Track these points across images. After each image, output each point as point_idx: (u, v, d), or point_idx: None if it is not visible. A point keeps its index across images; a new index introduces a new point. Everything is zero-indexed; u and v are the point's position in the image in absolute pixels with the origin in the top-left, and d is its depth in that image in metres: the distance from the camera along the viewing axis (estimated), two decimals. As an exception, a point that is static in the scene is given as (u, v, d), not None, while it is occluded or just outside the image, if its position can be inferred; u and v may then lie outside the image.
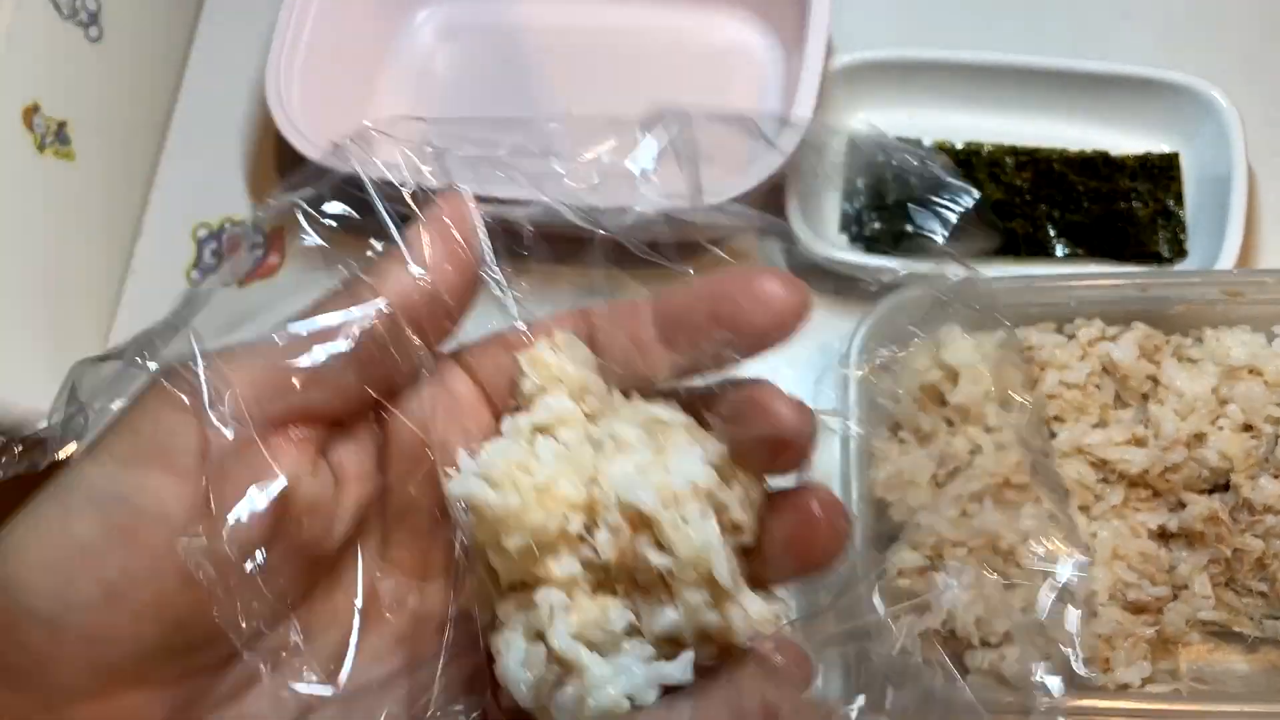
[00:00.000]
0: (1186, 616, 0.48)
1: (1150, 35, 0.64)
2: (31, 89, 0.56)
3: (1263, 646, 0.49)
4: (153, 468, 0.26)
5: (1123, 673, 0.47)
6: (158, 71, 0.68)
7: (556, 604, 0.27)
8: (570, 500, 0.27)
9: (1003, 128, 0.61)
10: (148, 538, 0.25)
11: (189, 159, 0.66)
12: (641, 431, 0.29)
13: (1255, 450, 0.49)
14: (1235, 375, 0.51)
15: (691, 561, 0.27)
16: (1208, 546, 0.49)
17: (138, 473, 0.26)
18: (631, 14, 0.66)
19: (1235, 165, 0.56)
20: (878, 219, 0.60)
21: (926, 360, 0.52)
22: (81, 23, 0.60)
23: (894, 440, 0.52)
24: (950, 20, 0.66)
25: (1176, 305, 0.53)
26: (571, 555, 0.28)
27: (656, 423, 0.29)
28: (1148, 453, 0.50)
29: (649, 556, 0.27)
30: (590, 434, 0.29)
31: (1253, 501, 0.49)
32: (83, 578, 0.25)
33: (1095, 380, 0.52)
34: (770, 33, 0.65)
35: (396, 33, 0.67)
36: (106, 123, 0.62)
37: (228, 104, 0.67)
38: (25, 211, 0.56)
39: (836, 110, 0.61)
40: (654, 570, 0.27)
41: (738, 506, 0.28)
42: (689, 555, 0.27)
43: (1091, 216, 0.59)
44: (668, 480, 0.27)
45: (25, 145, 0.56)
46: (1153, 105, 0.60)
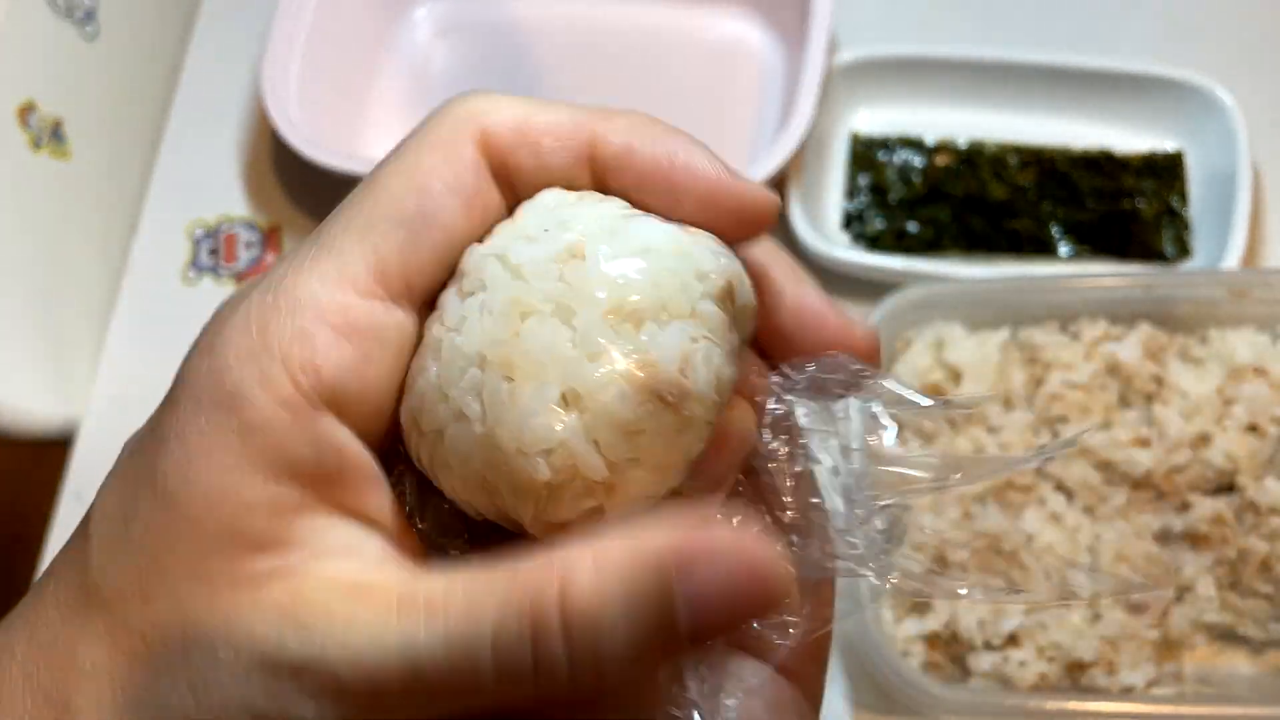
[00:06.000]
0: (1191, 619, 0.48)
1: (1155, 32, 0.64)
2: (27, 87, 0.56)
3: (1268, 649, 0.49)
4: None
5: (1127, 675, 0.47)
6: (154, 69, 0.67)
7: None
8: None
9: (1006, 125, 0.61)
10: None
11: (185, 157, 0.66)
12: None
13: (1260, 451, 0.49)
14: (1241, 375, 0.50)
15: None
16: (1213, 548, 0.49)
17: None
18: (632, 11, 0.66)
19: (1240, 164, 0.56)
20: (880, 218, 0.59)
21: (929, 360, 0.52)
22: (78, 20, 0.60)
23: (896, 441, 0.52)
24: (953, 17, 0.66)
25: (1181, 305, 0.52)
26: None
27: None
28: (1152, 454, 0.50)
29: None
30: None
31: (1258, 503, 0.48)
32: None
33: (1100, 380, 0.51)
34: (772, 30, 0.64)
35: (394, 30, 0.67)
36: (102, 121, 0.62)
37: (224, 102, 0.67)
38: (21, 210, 0.56)
39: (838, 108, 0.61)
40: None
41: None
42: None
43: (1096, 215, 0.58)
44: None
45: (20, 144, 0.55)
46: (1158, 103, 0.59)
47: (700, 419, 0.23)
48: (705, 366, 0.23)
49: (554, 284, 0.22)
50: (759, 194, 0.24)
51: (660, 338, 0.22)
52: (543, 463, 0.22)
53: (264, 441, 0.22)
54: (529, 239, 0.23)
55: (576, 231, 0.23)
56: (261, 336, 0.23)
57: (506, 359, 0.22)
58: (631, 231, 0.23)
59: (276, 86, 0.59)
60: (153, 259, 0.63)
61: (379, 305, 0.23)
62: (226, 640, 0.22)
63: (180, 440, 0.23)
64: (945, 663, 0.49)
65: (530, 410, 0.22)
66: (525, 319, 0.22)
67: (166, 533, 0.22)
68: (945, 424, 0.52)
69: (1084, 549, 0.49)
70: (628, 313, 0.22)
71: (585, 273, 0.22)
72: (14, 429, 0.55)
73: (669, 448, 0.23)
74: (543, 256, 0.23)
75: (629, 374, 0.22)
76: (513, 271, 0.23)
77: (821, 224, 0.59)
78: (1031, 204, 0.59)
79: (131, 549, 0.23)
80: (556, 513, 0.22)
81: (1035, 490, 0.50)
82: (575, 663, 0.21)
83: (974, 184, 0.59)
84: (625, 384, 0.22)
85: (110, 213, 0.63)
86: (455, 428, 0.23)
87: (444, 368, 0.23)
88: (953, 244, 0.58)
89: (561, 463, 0.22)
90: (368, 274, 0.23)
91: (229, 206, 0.64)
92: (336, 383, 0.23)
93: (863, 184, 0.60)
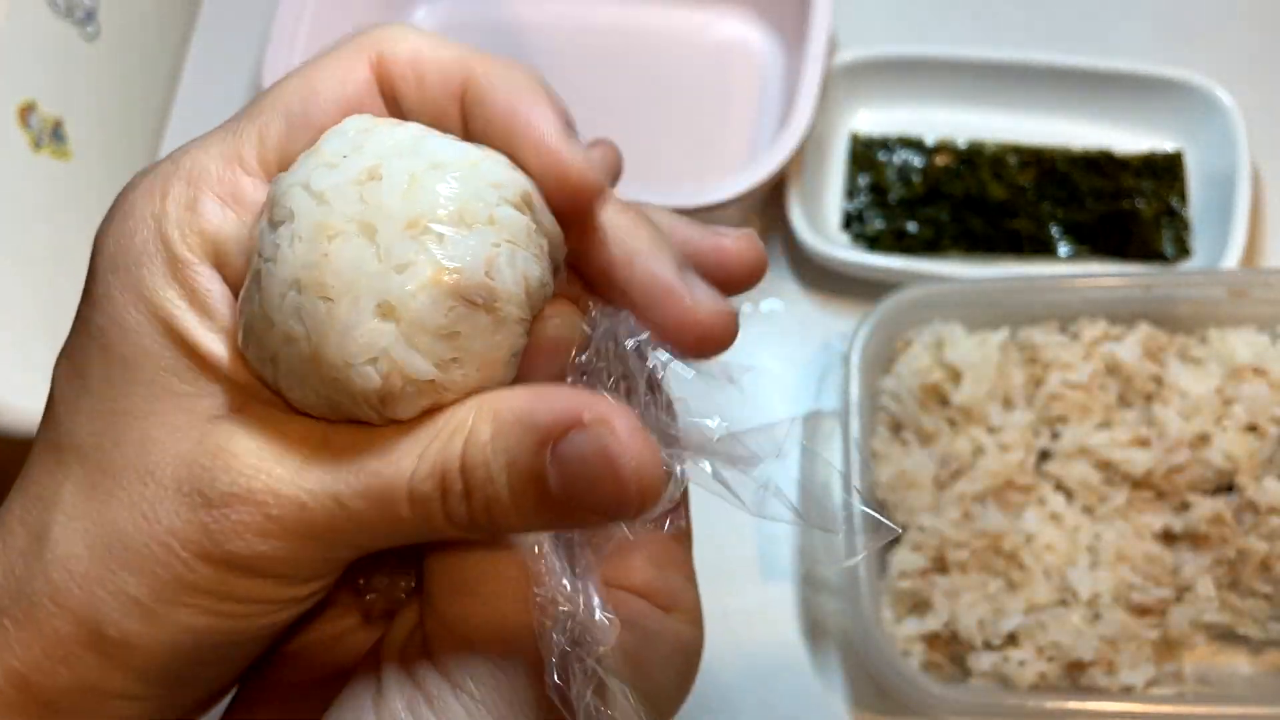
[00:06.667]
0: (1191, 619, 0.48)
1: (1155, 33, 0.64)
2: (27, 87, 0.56)
3: (1267, 649, 0.49)
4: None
5: (1126, 675, 0.47)
6: (155, 69, 0.67)
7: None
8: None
9: (1006, 125, 0.61)
10: None
11: (186, 157, 0.66)
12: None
13: (1260, 451, 0.49)
14: (1240, 375, 0.50)
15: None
16: (1212, 548, 0.49)
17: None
18: (632, 12, 0.66)
19: (1240, 164, 0.56)
20: (879, 218, 0.60)
21: (929, 360, 0.52)
22: (78, 20, 0.60)
23: (896, 441, 0.52)
24: (953, 17, 0.66)
25: (1181, 305, 0.52)
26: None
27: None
28: (1152, 454, 0.50)
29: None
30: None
31: (1257, 503, 0.48)
32: None
33: (1099, 380, 0.51)
34: (772, 30, 0.64)
35: (395, 30, 0.67)
36: (103, 121, 0.62)
37: (225, 102, 0.67)
38: (21, 211, 0.56)
39: (838, 108, 0.61)
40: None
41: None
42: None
43: (1095, 215, 0.58)
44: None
45: (21, 144, 0.55)
46: (1157, 103, 0.59)
47: (513, 317, 0.25)
48: (510, 268, 0.24)
49: (355, 205, 0.24)
50: (585, 174, 0.26)
51: (462, 245, 0.24)
52: (371, 370, 0.23)
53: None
54: (330, 165, 0.24)
55: (372, 155, 0.24)
56: (162, 202, 0.26)
57: (319, 280, 0.23)
58: (426, 150, 0.25)
59: (277, 87, 0.59)
60: (153, 259, 0.63)
61: (259, 183, 0.26)
62: (173, 475, 0.25)
63: (106, 299, 0.26)
64: (945, 663, 0.49)
65: (349, 324, 0.23)
66: (332, 240, 0.24)
67: (119, 381, 0.25)
68: (945, 424, 0.52)
69: (1084, 549, 0.49)
70: (426, 225, 0.24)
71: (382, 192, 0.24)
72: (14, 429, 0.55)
73: (488, 346, 0.24)
74: (343, 181, 0.24)
75: (435, 280, 0.23)
76: (316, 197, 0.24)
77: (821, 224, 0.59)
78: (1031, 204, 0.59)
79: (93, 398, 0.26)
80: (397, 413, 0.24)
81: (1035, 490, 0.51)
82: (474, 512, 0.24)
83: (974, 184, 0.59)
84: (434, 289, 0.23)
85: (110, 213, 0.63)
86: (286, 350, 0.24)
87: (265, 296, 0.24)
88: (952, 244, 0.58)
89: (389, 368, 0.23)
90: (253, 155, 0.26)
91: (229, 206, 0.64)
92: (218, 242, 0.26)
93: (863, 184, 0.60)
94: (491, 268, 0.24)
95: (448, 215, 0.24)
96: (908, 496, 0.50)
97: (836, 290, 0.59)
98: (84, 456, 0.25)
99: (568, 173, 0.26)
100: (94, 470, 0.25)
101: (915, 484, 0.50)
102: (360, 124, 0.25)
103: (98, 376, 0.26)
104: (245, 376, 0.25)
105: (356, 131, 0.25)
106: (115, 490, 0.25)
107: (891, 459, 0.51)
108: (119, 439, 0.25)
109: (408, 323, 0.23)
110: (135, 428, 0.25)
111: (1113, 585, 0.48)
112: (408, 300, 0.23)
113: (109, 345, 0.25)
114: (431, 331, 0.23)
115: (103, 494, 0.25)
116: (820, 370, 0.57)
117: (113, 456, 0.25)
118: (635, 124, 0.63)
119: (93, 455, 0.25)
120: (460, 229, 0.24)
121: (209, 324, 0.25)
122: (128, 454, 0.25)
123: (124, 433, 0.25)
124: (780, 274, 0.60)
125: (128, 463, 0.25)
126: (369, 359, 0.23)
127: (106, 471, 0.25)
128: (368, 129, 0.25)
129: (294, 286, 0.24)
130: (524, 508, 0.24)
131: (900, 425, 0.52)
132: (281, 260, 0.24)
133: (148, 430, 0.25)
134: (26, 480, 0.27)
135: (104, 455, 0.25)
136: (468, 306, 0.24)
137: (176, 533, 0.24)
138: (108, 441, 0.25)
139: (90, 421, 0.26)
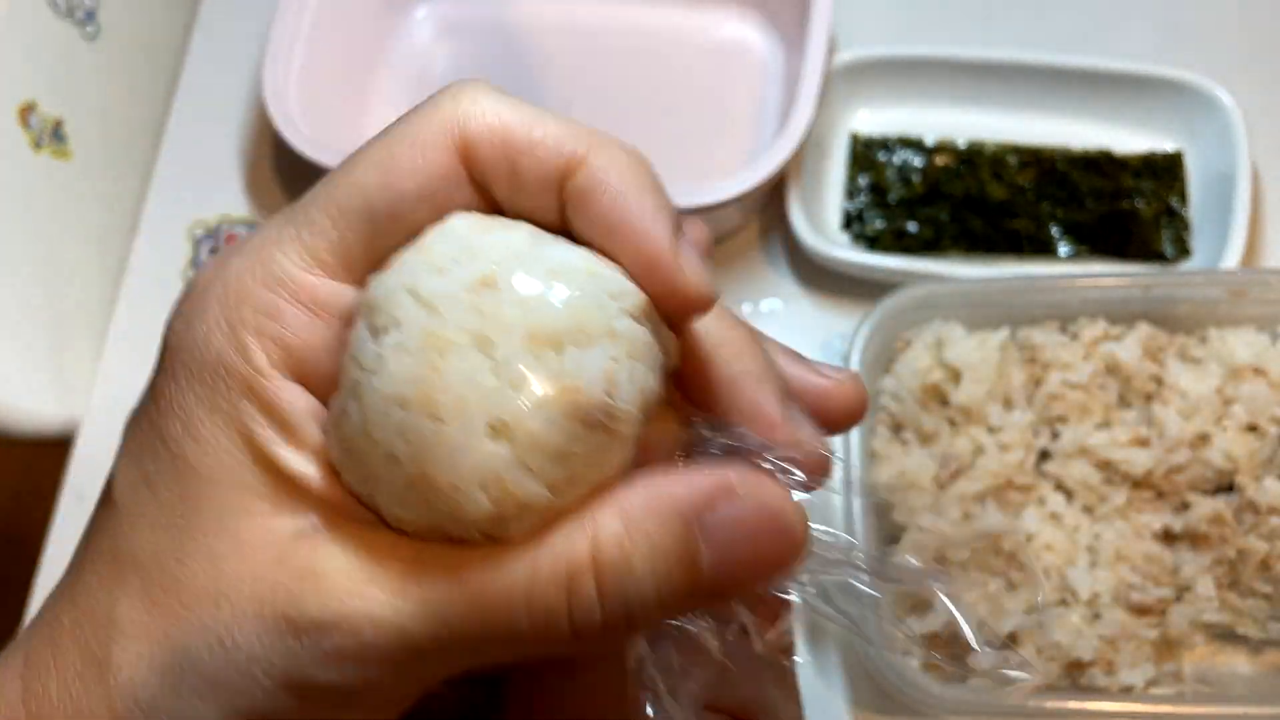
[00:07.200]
0: (1190, 618, 0.48)
1: (1155, 33, 0.64)
2: (27, 87, 0.56)
3: (1267, 649, 0.49)
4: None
5: (1126, 675, 0.47)
6: (155, 69, 0.68)
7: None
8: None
9: (1006, 125, 0.61)
10: None
11: (186, 157, 0.66)
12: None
13: (1260, 451, 0.49)
14: (1240, 375, 0.50)
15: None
16: (1212, 548, 0.49)
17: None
18: (632, 12, 0.66)
19: (1240, 164, 0.56)
20: (879, 218, 0.60)
21: (929, 360, 0.52)
22: (78, 20, 0.60)
23: (896, 441, 0.52)
24: (953, 17, 0.66)
25: (1181, 305, 0.52)
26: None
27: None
28: (1152, 453, 0.50)
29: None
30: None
31: (1257, 503, 0.48)
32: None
33: (1099, 380, 0.51)
34: (772, 30, 0.64)
35: (395, 30, 0.67)
36: (103, 121, 0.62)
37: (225, 102, 0.67)
38: (21, 210, 0.56)
39: (838, 108, 0.61)
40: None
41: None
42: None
43: (1095, 216, 0.58)
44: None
45: (21, 144, 0.55)
46: (1157, 103, 0.59)
47: (628, 435, 0.23)
48: (629, 384, 0.23)
49: (469, 315, 0.22)
50: (700, 288, 0.24)
51: (583, 360, 0.22)
52: (482, 495, 0.22)
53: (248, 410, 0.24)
54: (438, 270, 0.23)
55: (485, 261, 0.23)
56: (238, 308, 0.24)
57: (429, 398, 0.22)
58: (542, 256, 0.23)
59: (277, 86, 0.59)
60: (153, 259, 0.63)
61: (343, 287, 0.24)
62: (251, 596, 0.23)
63: (181, 407, 0.24)
64: (945, 663, 0.49)
65: (460, 446, 0.22)
66: (444, 354, 0.22)
67: (189, 494, 0.23)
68: (945, 424, 0.52)
69: (1083, 549, 0.49)
70: (546, 337, 0.22)
71: (499, 301, 0.22)
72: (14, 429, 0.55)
73: (602, 465, 0.23)
74: (455, 288, 0.22)
75: (555, 399, 0.22)
76: (425, 305, 0.22)
77: (821, 224, 0.59)
78: (1031, 204, 0.59)
79: (160, 510, 0.24)
80: (505, 535, 0.23)
81: (1035, 490, 0.51)
82: (608, 614, 0.22)
83: (973, 184, 0.59)
84: (552, 408, 0.22)
85: (110, 213, 0.63)
86: (387, 470, 0.22)
87: (366, 411, 0.22)
88: (952, 244, 0.58)
89: (500, 493, 0.22)
90: (335, 257, 0.24)
91: (229, 206, 0.64)
92: (299, 351, 0.24)
93: (863, 184, 0.60)
94: (611, 384, 0.22)
95: (567, 328, 0.22)
96: (908, 496, 0.50)
97: (836, 290, 0.59)
98: (146, 572, 0.24)
99: (684, 289, 0.24)
100: (157, 588, 0.23)
101: (915, 484, 0.50)
102: (468, 224, 0.24)
103: (167, 487, 0.24)
104: (331, 493, 0.24)
105: (466, 232, 0.24)
106: (184, 612, 0.23)
107: (891, 459, 0.51)
108: (187, 556, 0.23)
109: (522, 444, 0.22)
110: (206, 545, 0.23)
111: (1112, 585, 0.48)
112: (524, 420, 0.22)
113: (182, 456, 0.24)
114: (547, 453, 0.22)
115: (168, 615, 0.23)
116: (820, 370, 0.57)
117: (179, 574, 0.23)
118: (635, 124, 0.63)
119: (156, 572, 0.23)
120: (580, 343, 0.22)
121: (291, 439, 0.24)
122: (197, 573, 0.23)
123: (193, 550, 0.23)
124: (780, 274, 0.60)
125: (198, 583, 0.23)
126: (479, 483, 0.22)
127: (172, 590, 0.23)
128: (476, 230, 0.24)
129: (399, 403, 0.22)
130: (670, 595, 0.22)
131: (900, 425, 0.52)
132: (385, 373, 0.22)
133: (221, 548, 0.23)
134: (77, 589, 0.24)
135: (169, 572, 0.23)
136: (586, 427, 0.22)
137: (259, 660, 0.22)
138: (173, 559, 0.23)
139: (155, 534, 0.24)
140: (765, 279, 0.60)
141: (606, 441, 0.23)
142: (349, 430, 0.23)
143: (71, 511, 0.58)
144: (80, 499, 0.58)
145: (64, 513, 0.58)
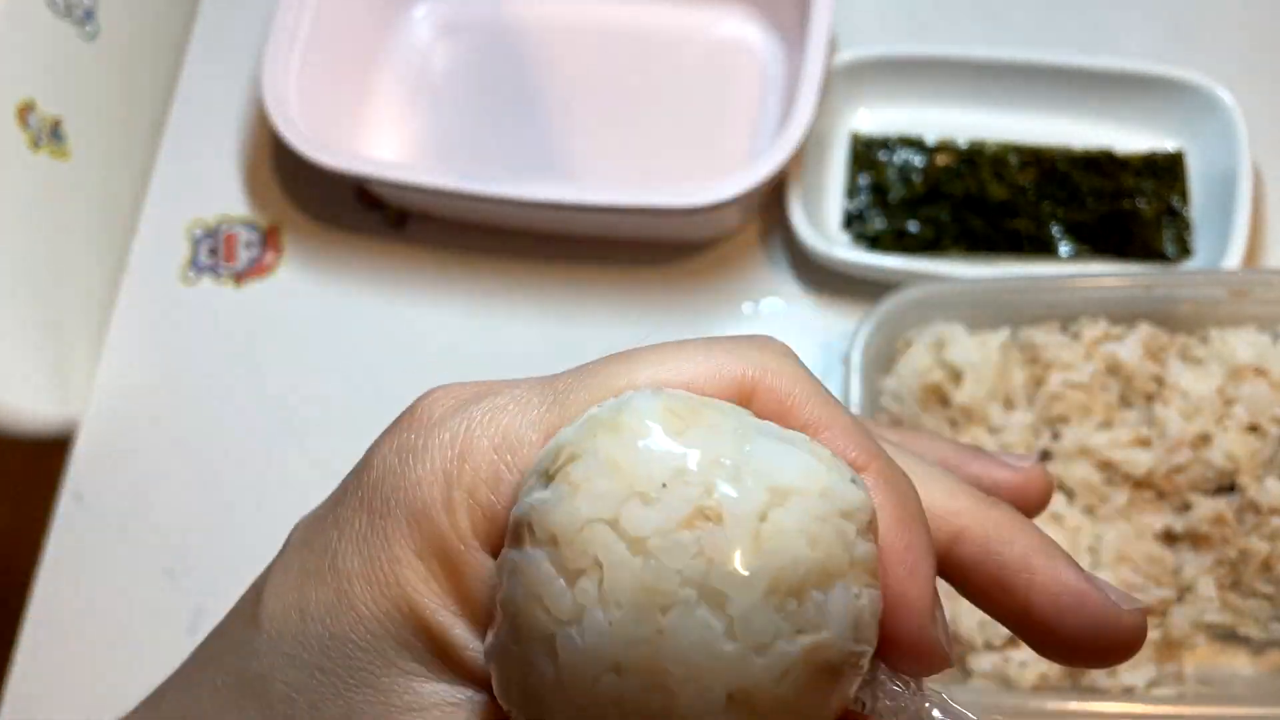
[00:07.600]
0: (1192, 619, 0.48)
1: (1156, 33, 0.64)
2: (26, 86, 0.56)
3: (1269, 649, 0.49)
4: None
5: (1127, 676, 0.47)
6: (153, 68, 0.67)
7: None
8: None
9: (1007, 125, 0.61)
10: None
11: (184, 156, 0.66)
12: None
13: (1261, 451, 0.49)
14: (1241, 375, 0.50)
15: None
16: (1213, 548, 0.48)
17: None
18: (632, 10, 0.66)
19: (1241, 163, 0.56)
20: (880, 218, 0.59)
21: (929, 360, 0.52)
22: (78, 20, 0.59)
23: (897, 441, 0.52)
24: (953, 17, 0.65)
25: (1182, 305, 0.52)
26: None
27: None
28: (1153, 454, 0.50)
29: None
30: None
31: (1259, 503, 0.48)
32: None
33: (1100, 380, 0.51)
34: (772, 30, 0.64)
35: (394, 29, 0.67)
36: (101, 120, 0.62)
37: (224, 101, 0.67)
38: (19, 210, 0.56)
39: (839, 108, 0.61)
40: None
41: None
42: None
43: (1096, 215, 0.58)
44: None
45: (19, 143, 0.55)
46: (1158, 103, 0.59)
47: (864, 669, 0.20)
48: (872, 619, 0.20)
49: (691, 561, 0.19)
50: (945, 652, 0.21)
51: (826, 605, 0.19)
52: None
53: (439, 569, 0.22)
54: (644, 498, 0.19)
55: (699, 484, 0.19)
56: (459, 463, 0.22)
57: (653, 665, 0.18)
58: (762, 470, 0.20)
59: (276, 86, 0.59)
60: (152, 259, 0.63)
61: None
62: None
63: (366, 542, 0.22)
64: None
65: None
66: (666, 613, 0.19)
67: (344, 638, 0.22)
68: (946, 424, 0.51)
69: (1084, 549, 0.49)
70: (789, 587, 0.19)
71: (726, 541, 0.19)
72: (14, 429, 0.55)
73: (837, 703, 0.20)
74: (668, 524, 0.19)
75: (806, 661, 0.19)
76: (633, 546, 0.19)
77: (821, 224, 0.59)
78: (1031, 204, 0.59)
79: (304, 646, 0.22)
80: None
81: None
82: None
83: (974, 184, 0.59)
84: (804, 672, 0.19)
85: (110, 213, 0.63)
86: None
87: (567, 673, 0.19)
88: (953, 244, 0.58)
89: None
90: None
91: (228, 206, 0.64)
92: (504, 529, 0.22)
93: (863, 184, 0.60)
94: (859, 627, 0.20)
95: (812, 570, 0.19)
96: (908, 497, 0.50)
97: (837, 290, 0.59)
98: (271, 709, 0.22)
99: (930, 652, 0.21)
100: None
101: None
102: (658, 409, 0.20)
103: (321, 622, 0.22)
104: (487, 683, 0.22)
105: (659, 429, 0.20)
106: None
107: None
108: (323, 703, 0.22)
109: (767, 710, 0.19)
110: (346, 699, 0.22)
111: (1114, 585, 0.48)
112: (769, 689, 0.19)
113: (348, 596, 0.22)
114: (792, 712, 0.19)
115: None
116: (821, 370, 0.57)
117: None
118: (635, 124, 0.63)
119: (283, 711, 0.22)
120: (823, 585, 0.19)
121: (463, 610, 0.22)
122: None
123: (332, 700, 0.22)
124: (781, 274, 0.60)
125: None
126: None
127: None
128: (682, 433, 0.20)
129: (613, 669, 0.19)
130: None
131: (901, 425, 0.52)
132: (593, 629, 0.19)
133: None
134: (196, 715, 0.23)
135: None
136: (833, 680, 0.19)
137: None
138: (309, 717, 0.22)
139: (297, 678, 0.22)
140: (766, 279, 0.60)
141: (847, 682, 0.20)
142: (536, 684, 0.19)
143: (70, 512, 0.58)
144: (79, 499, 0.58)
145: (63, 513, 0.57)
